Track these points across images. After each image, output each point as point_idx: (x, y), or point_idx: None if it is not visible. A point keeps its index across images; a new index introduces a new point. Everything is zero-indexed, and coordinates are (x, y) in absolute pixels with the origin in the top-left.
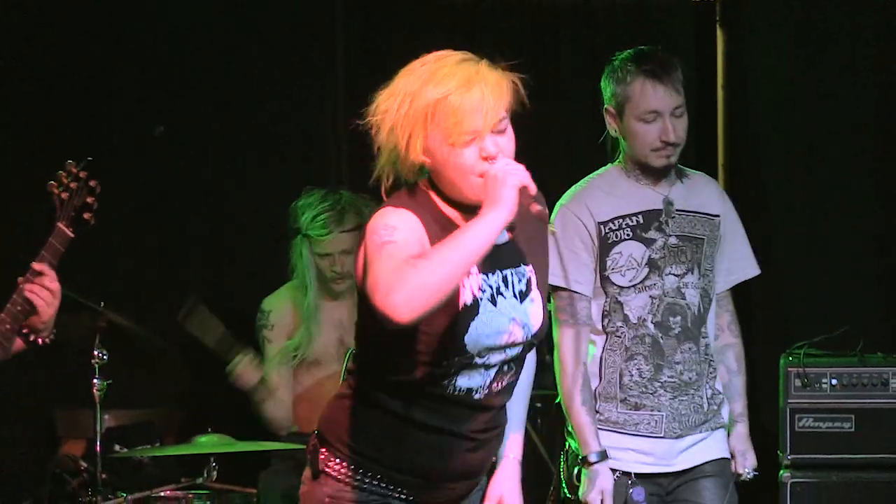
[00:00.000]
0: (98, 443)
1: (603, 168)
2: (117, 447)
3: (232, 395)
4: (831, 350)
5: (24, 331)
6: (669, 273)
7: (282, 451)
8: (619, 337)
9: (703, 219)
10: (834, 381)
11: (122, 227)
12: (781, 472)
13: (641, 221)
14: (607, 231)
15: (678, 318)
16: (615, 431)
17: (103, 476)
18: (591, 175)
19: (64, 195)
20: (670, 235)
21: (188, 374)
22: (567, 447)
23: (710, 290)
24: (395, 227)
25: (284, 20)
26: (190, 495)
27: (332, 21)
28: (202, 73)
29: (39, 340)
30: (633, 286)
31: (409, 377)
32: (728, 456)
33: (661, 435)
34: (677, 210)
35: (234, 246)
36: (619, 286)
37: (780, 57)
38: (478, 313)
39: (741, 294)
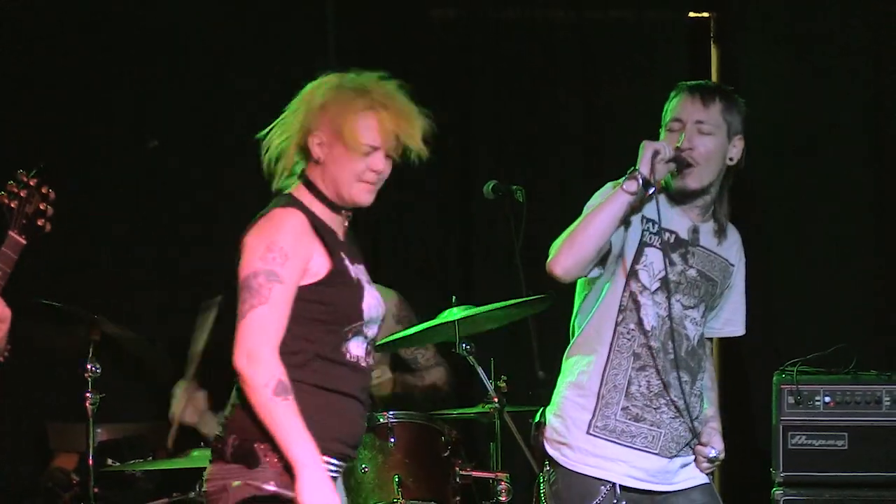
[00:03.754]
0: (90, 456)
1: None
2: (110, 461)
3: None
4: (825, 367)
5: None
6: (678, 301)
7: None
8: (630, 340)
9: (723, 263)
10: (827, 399)
11: (114, 237)
12: (774, 489)
13: (672, 241)
14: (645, 228)
15: (673, 344)
16: (610, 441)
17: (96, 490)
18: None
19: (13, 204)
20: (692, 267)
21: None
22: (546, 464)
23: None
24: (286, 253)
25: (277, 46)
26: None
27: (325, 42)
28: (197, 90)
29: None
30: (649, 292)
31: (317, 346)
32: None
33: (657, 452)
34: (702, 246)
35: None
36: (643, 285)
37: (775, 74)
38: (364, 284)
39: None
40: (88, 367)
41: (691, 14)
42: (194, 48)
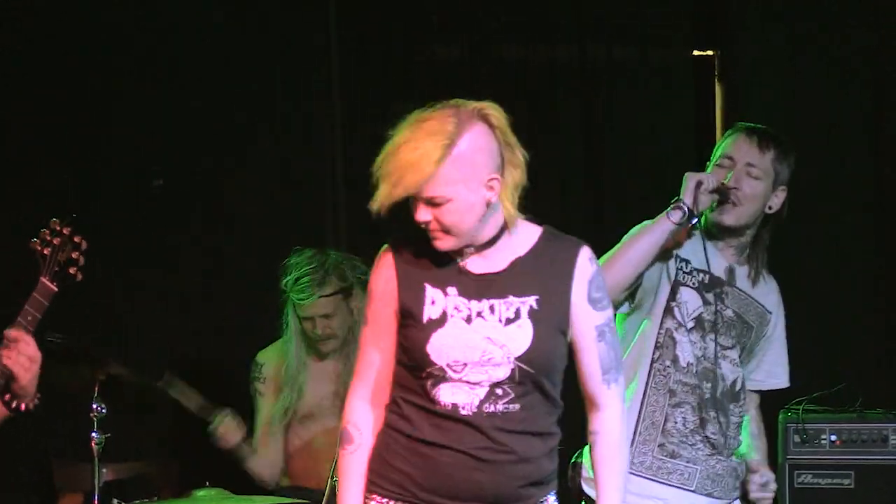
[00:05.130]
0: (96, 496)
1: None
2: (115, 501)
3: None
4: (831, 406)
5: (6, 398)
6: (714, 341)
7: None
8: (665, 377)
9: (759, 308)
10: (833, 437)
11: (119, 277)
12: None
13: (707, 281)
14: (679, 267)
15: (709, 384)
16: (646, 477)
17: None
18: None
19: (46, 251)
20: (728, 307)
21: (186, 427)
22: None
23: (744, 377)
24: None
25: (277, 45)
26: None
27: (325, 42)
28: (197, 119)
29: (23, 406)
30: (685, 329)
31: (404, 391)
32: None
33: (693, 489)
34: (738, 288)
35: (228, 296)
36: (679, 322)
37: (779, 112)
38: (442, 327)
39: None
40: (94, 406)
41: (695, 52)
42: (194, 48)
